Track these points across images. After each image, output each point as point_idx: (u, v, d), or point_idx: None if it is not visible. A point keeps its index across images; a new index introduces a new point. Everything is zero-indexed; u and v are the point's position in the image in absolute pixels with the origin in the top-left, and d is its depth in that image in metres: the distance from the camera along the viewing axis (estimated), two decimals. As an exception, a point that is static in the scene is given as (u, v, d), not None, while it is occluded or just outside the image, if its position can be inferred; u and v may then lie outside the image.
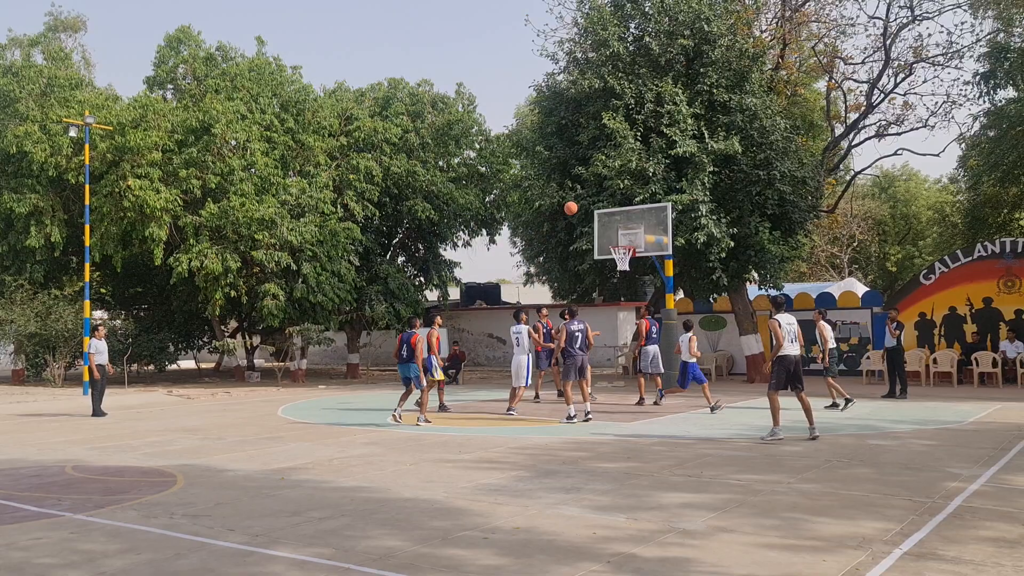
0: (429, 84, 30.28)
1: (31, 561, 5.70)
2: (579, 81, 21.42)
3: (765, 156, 20.86)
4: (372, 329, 29.59)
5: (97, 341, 16.10)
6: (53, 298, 25.08)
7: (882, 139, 30.45)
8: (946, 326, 22.40)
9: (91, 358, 16.00)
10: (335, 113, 27.29)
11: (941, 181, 48.42)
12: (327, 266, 24.91)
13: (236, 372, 27.96)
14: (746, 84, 21.38)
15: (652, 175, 19.83)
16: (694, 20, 20.98)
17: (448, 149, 29.73)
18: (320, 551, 5.81)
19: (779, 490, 7.66)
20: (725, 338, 25.80)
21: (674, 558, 5.55)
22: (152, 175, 23.27)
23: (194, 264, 23.06)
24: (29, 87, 25.71)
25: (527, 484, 8.13)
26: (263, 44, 27.92)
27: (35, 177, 24.54)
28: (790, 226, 22.19)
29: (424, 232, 29.98)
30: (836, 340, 24.20)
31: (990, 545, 5.74)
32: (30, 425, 14.64)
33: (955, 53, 27.26)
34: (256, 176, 24.46)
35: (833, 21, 28.47)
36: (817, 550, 5.68)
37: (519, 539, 6.08)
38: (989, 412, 14.08)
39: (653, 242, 19.04)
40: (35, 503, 7.65)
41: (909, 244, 47.64)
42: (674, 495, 7.51)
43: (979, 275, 21.96)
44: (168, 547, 6.01)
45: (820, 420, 13.17)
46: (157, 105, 24.75)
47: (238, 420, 14.71)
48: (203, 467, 9.53)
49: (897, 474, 8.38)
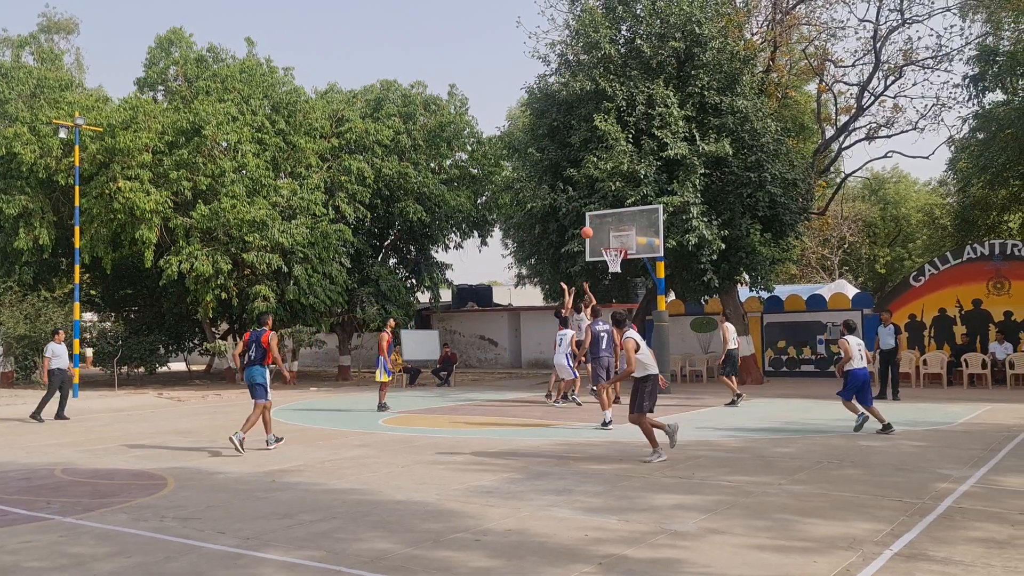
0: (422, 86, 30.30)
1: (21, 565, 5.66)
2: (571, 83, 21.45)
3: (756, 158, 20.93)
4: (363, 331, 29.55)
5: (56, 345, 15.70)
6: (42, 300, 24.98)
7: (872, 141, 30.66)
8: (936, 328, 22.51)
9: (45, 362, 15.59)
10: (326, 115, 27.26)
11: (931, 183, 48.69)
12: (318, 268, 24.86)
13: (227, 374, 27.87)
14: (737, 86, 21.45)
15: (643, 177, 19.86)
16: (685, 23, 21.03)
17: (440, 151, 29.73)
18: (311, 553, 5.79)
19: (770, 491, 7.67)
20: (716, 340, 25.85)
21: (665, 559, 5.55)
22: (142, 176, 23.17)
23: (184, 266, 22.98)
24: (18, 88, 25.60)
25: (519, 486, 8.13)
26: (253, 45, 27.90)
27: (24, 178, 24.42)
28: (781, 228, 22.26)
29: (416, 234, 29.96)
30: (826, 342, 24.55)
31: (979, 546, 5.77)
32: (19, 428, 14.55)
33: (944, 56, 27.43)
34: (247, 178, 24.39)
35: (823, 24, 28.60)
36: (808, 551, 5.69)
37: (511, 541, 6.07)
38: (979, 413, 14.14)
39: (645, 244, 19.06)
40: (24, 506, 7.60)
41: (899, 246, 47.85)
42: (665, 496, 7.52)
43: (968, 277, 22.09)
44: (158, 550, 5.98)
45: (807, 422, 13.22)
46: (147, 106, 24.66)
47: (229, 422, 14.64)
48: (193, 470, 9.49)
49: (888, 475, 8.41)
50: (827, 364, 24.45)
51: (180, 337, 30.69)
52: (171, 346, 29.82)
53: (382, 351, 15.96)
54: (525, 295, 42.48)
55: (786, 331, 25.19)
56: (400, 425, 13.95)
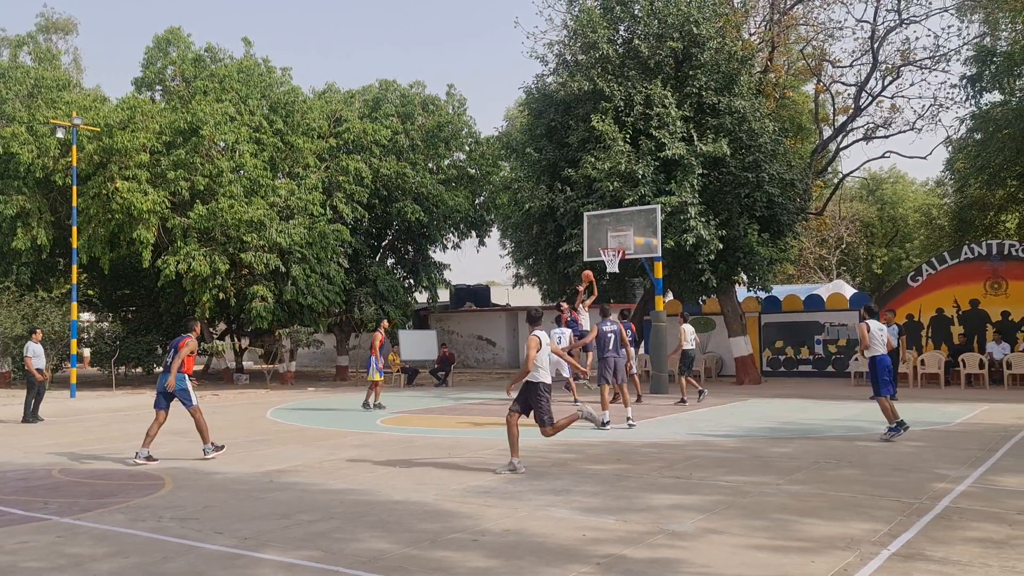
0: (421, 86, 30.33)
1: (18, 565, 5.66)
2: (568, 83, 21.46)
3: (754, 158, 20.94)
4: (361, 331, 29.55)
5: (34, 344, 15.62)
6: (40, 300, 24.96)
7: (870, 142, 30.71)
8: (933, 328, 22.53)
9: (28, 361, 15.45)
10: (324, 115, 27.26)
11: (928, 184, 48.76)
12: (316, 268, 24.86)
13: (224, 374, 27.86)
14: (735, 87, 21.47)
15: (641, 177, 19.87)
16: (683, 23, 21.05)
17: (438, 151, 29.75)
18: (309, 554, 5.79)
19: (768, 491, 7.68)
20: (714, 340, 25.88)
21: (663, 559, 5.55)
22: (140, 177, 23.16)
23: (182, 266, 22.97)
24: (16, 88, 25.58)
25: (517, 486, 8.13)
26: (250, 45, 27.93)
27: (22, 178, 24.40)
28: (779, 228, 22.28)
29: (413, 234, 29.96)
30: (824, 342, 24.58)
31: (977, 546, 5.77)
32: (16, 427, 14.53)
33: (942, 56, 27.49)
34: (245, 178, 24.40)
35: (821, 24, 28.68)
36: (806, 551, 5.69)
37: (509, 541, 6.07)
38: (976, 413, 14.16)
39: (642, 244, 19.07)
40: (22, 507, 7.60)
41: (896, 246, 47.90)
42: (663, 497, 7.52)
43: (966, 277, 22.11)
44: (156, 550, 5.98)
45: (804, 422, 13.23)
46: (145, 107, 24.65)
47: (226, 423, 14.64)
48: (191, 470, 9.49)
49: (885, 475, 8.42)
50: (825, 364, 24.48)
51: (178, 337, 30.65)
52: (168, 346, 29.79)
53: (374, 351, 16.62)
54: (523, 295, 42.47)
55: (784, 331, 25.21)
56: (398, 425, 13.95)
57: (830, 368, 24.37)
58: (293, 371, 27.00)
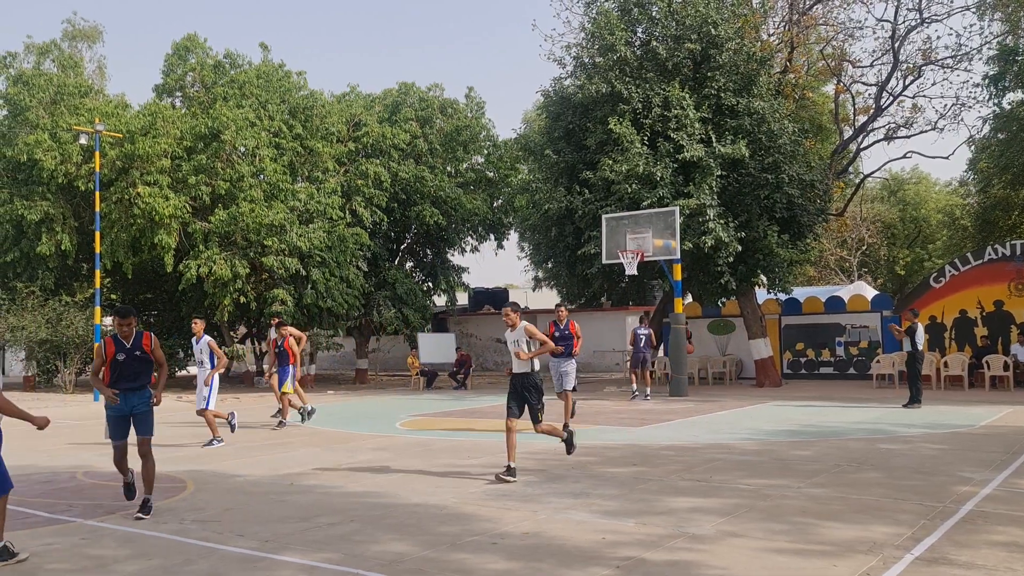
0: (440, 88, 30.43)
1: (43, 567, 5.72)
2: (586, 86, 21.45)
3: (773, 160, 20.83)
4: (380, 334, 29.65)
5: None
6: (64, 304, 25.20)
7: (891, 142, 30.40)
8: (956, 329, 22.30)
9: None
10: (343, 119, 27.41)
11: (951, 184, 48.21)
12: (336, 272, 24.98)
13: (245, 378, 28.03)
14: (754, 88, 21.36)
15: (660, 179, 19.82)
16: (701, 24, 20.98)
17: (456, 154, 29.82)
18: (329, 556, 5.81)
19: (788, 495, 7.62)
20: (734, 342, 25.75)
21: (683, 562, 5.53)
22: (161, 182, 23.39)
23: (203, 270, 23.16)
24: (39, 95, 25.87)
25: (536, 489, 8.12)
26: (267, 50, 28.22)
27: (45, 184, 24.68)
28: (799, 230, 22.14)
29: (432, 237, 30.04)
30: (845, 344, 24.37)
31: (1002, 550, 5.71)
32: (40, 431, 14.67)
33: (964, 56, 27.17)
34: (265, 182, 24.58)
35: (841, 24, 28.47)
36: (828, 555, 5.65)
37: (528, 544, 6.07)
38: (1000, 416, 13.99)
39: (661, 246, 19.02)
40: (46, 509, 7.68)
41: (918, 247, 47.45)
42: (683, 500, 7.49)
43: (990, 278, 21.87)
44: (178, 553, 6.02)
45: (825, 424, 13.13)
46: (166, 112, 24.89)
47: (247, 425, 14.74)
48: (212, 472, 9.55)
49: (908, 478, 8.34)
50: (846, 366, 24.28)
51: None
52: (190, 350, 30.00)
53: (293, 357, 14.30)
54: (542, 298, 42.45)
55: (804, 333, 25.04)
56: (417, 428, 13.98)
57: (851, 370, 24.17)
58: (313, 374, 27.13)
